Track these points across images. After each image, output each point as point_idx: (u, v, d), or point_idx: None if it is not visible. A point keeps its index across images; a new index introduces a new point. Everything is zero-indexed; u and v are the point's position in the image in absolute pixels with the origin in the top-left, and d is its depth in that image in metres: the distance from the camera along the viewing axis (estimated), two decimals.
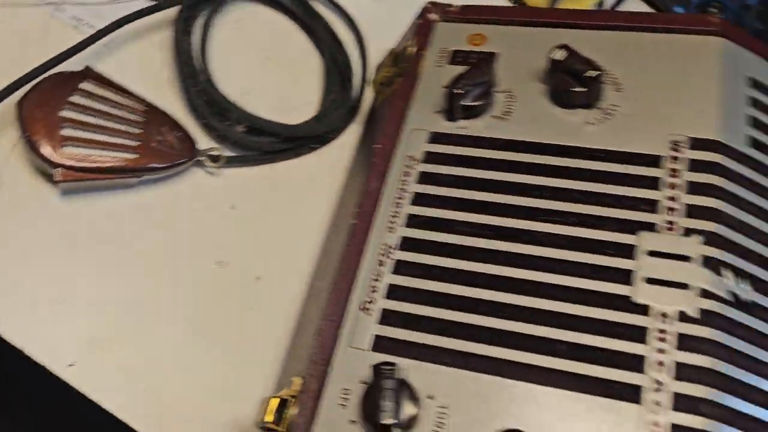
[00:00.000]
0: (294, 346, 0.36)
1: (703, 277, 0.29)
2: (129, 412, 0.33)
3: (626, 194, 0.32)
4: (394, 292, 0.31)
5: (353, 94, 0.43)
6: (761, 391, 0.28)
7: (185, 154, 0.37)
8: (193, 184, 0.38)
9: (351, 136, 0.42)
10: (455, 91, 0.34)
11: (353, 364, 0.30)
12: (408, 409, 0.27)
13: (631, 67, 0.35)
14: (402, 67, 0.37)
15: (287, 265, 0.38)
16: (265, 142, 0.39)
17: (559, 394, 0.28)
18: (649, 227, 0.31)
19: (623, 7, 0.52)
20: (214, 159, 0.38)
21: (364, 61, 0.44)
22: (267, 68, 0.43)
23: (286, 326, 0.36)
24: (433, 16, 0.40)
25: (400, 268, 0.32)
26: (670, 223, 0.31)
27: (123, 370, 0.34)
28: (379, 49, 0.45)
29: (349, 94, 0.43)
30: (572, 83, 0.34)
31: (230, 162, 0.38)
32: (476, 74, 0.35)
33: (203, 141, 0.39)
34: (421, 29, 0.39)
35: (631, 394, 0.27)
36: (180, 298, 0.36)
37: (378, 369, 0.28)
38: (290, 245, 0.39)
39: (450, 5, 0.40)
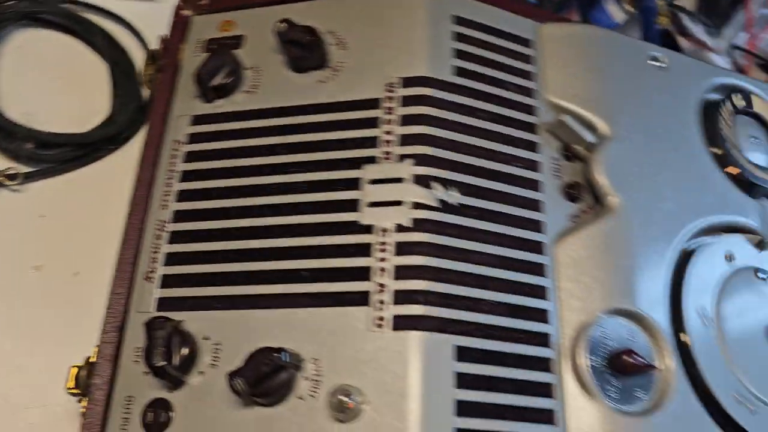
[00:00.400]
0: None
1: (414, 193, 0.35)
2: None
3: (351, 136, 0.37)
4: (171, 258, 0.36)
5: (142, 95, 0.47)
6: (471, 274, 0.34)
7: None
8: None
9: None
10: (200, 76, 0.39)
11: (142, 326, 0.35)
12: (180, 351, 0.33)
13: (352, 26, 0.41)
14: (159, 64, 0.42)
15: (100, 257, 0.42)
16: (60, 153, 0.43)
17: (306, 312, 0.33)
18: (371, 160, 0.36)
19: None
20: (12, 177, 0.42)
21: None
22: (56, 85, 0.47)
23: None
24: (186, 12, 0.44)
25: (175, 237, 0.37)
26: (387, 153, 0.36)
27: None
28: None
29: (138, 94, 0.47)
30: (298, 51, 0.39)
31: (29, 177, 0.42)
32: (218, 57, 0.39)
33: (2, 163, 0.43)
34: (176, 25, 0.43)
35: (360, 299, 0.33)
36: (3, 306, 0.40)
37: (149, 324, 0.33)
38: (103, 239, 0.43)
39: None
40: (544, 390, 0.33)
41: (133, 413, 0.33)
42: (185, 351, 0.33)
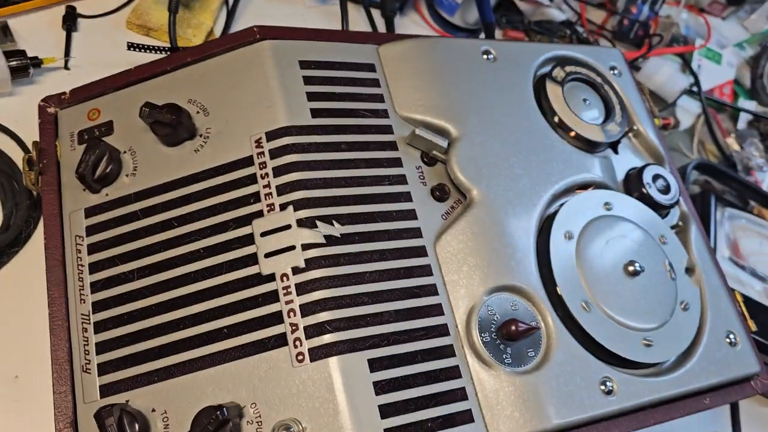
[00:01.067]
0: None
1: (301, 236, 0.39)
2: None
3: (236, 196, 0.41)
4: (101, 347, 0.40)
5: (31, 192, 0.49)
6: (367, 293, 0.39)
7: None
8: None
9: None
10: (80, 172, 0.41)
11: (92, 413, 0.38)
12: (136, 428, 0.36)
13: (209, 92, 0.44)
14: (40, 167, 0.44)
15: (35, 355, 0.45)
16: None
17: (234, 365, 0.38)
18: (259, 214, 0.40)
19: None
20: None
21: (25, 151, 0.50)
22: None
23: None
24: (51, 110, 0.46)
25: (99, 327, 0.40)
26: (270, 205, 0.40)
27: None
28: None
29: (24, 194, 0.49)
30: (166, 129, 0.42)
31: None
32: (93, 150, 0.42)
33: None
34: (44, 126, 0.45)
35: (279, 342, 0.37)
36: None
37: (97, 415, 0.36)
38: (31, 338, 0.46)
39: (64, 93, 0.46)
40: (452, 373, 0.39)
41: None
42: (137, 427, 0.36)
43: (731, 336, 0.47)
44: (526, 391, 0.39)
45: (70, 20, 0.57)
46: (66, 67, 0.56)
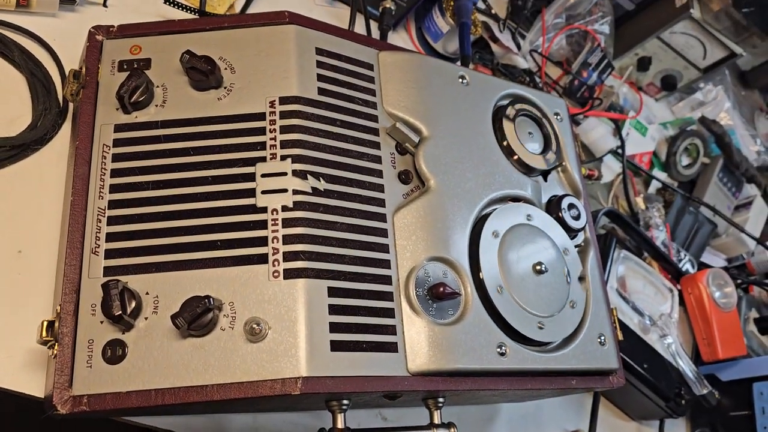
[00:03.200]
0: (55, 293, 0.51)
1: (293, 183, 0.49)
2: None
3: (246, 141, 0.51)
4: (111, 237, 0.48)
5: (60, 101, 0.57)
6: (336, 238, 0.49)
7: None
8: None
9: (65, 133, 0.57)
10: (121, 93, 0.50)
11: (94, 288, 0.46)
12: (131, 303, 0.45)
13: (239, 54, 0.54)
14: (82, 81, 0.52)
15: (39, 237, 0.53)
16: None
17: (222, 271, 0.47)
18: (262, 159, 0.50)
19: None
20: None
21: (62, 74, 0.58)
22: None
23: (50, 280, 0.51)
24: (99, 38, 0.54)
25: (112, 221, 0.48)
26: (273, 154, 0.50)
27: None
28: (73, 59, 0.58)
29: (55, 102, 0.57)
30: (199, 76, 0.51)
31: None
32: (133, 78, 0.51)
33: None
34: (91, 49, 0.53)
35: (260, 259, 0.47)
36: None
37: (105, 285, 0.45)
38: (38, 223, 0.53)
39: (112, 26, 0.55)
40: (388, 313, 0.50)
41: (94, 352, 0.45)
42: (134, 303, 0.45)
43: (602, 337, 0.60)
44: (441, 338, 0.50)
45: None
46: (104, 5, 0.64)
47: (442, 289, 0.51)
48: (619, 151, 0.99)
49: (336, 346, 0.46)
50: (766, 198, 1.11)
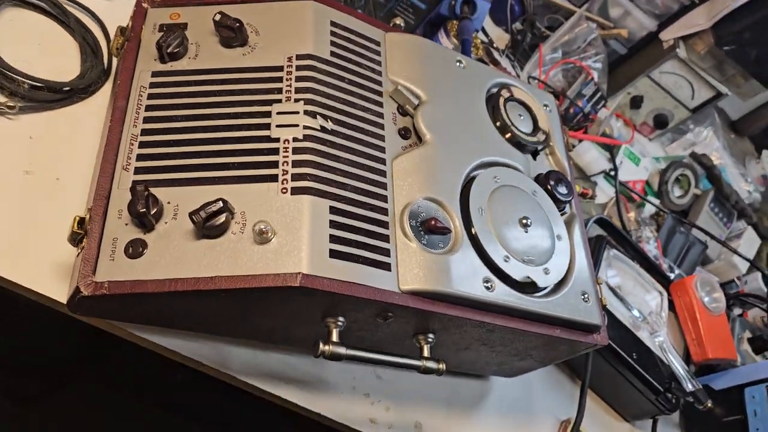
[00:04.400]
0: (88, 200, 0.56)
1: (304, 120, 0.56)
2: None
3: (266, 87, 0.58)
4: (140, 157, 0.54)
5: (104, 63, 0.65)
6: (340, 169, 0.55)
7: None
8: None
9: (106, 92, 0.64)
10: (159, 43, 0.58)
11: (122, 196, 0.52)
12: (154, 207, 0.51)
13: (264, 21, 0.62)
14: (127, 36, 0.60)
15: (75, 170, 0.59)
16: (45, 95, 0.60)
17: (236, 186, 0.53)
18: (278, 101, 0.57)
19: None
20: (11, 107, 0.58)
21: (107, 37, 0.67)
22: (39, 51, 0.63)
23: (82, 206, 0.57)
24: (145, 5, 0.63)
25: (142, 145, 0.55)
26: (288, 96, 0.57)
27: None
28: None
29: (101, 62, 0.65)
30: (229, 33, 0.59)
31: (23, 110, 0.59)
32: (171, 33, 0.59)
33: (1, 98, 0.59)
34: (137, 13, 0.62)
35: (271, 178, 0.53)
36: (2, 198, 0.55)
37: (133, 187, 0.51)
38: (75, 158, 0.60)
39: None
40: (384, 237, 0.55)
41: (117, 248, 0.50)
42: (156, 207, 0.51)
43: (585, 294, 0.63)
44: (431, 263, 0.55)
45: None
46: None
47: (434, 222, 0.56)
48: (612, 173, 1.05)
49: (335, 254, 0.51)
50: (757, 231, 1.16)
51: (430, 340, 0.58)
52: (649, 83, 1.14)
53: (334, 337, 0.53)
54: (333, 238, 0.52)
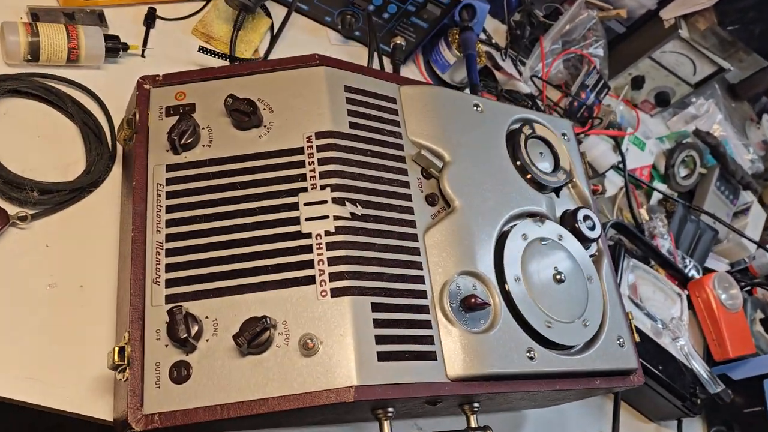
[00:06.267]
0: (117, 321, 0.55)
1: (333, 209, 0.54)
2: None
3: (288, 174, 0.55)
4: (170, 267, 0.52)
5: (110, 146, 0.62)
6: (375, 258, 0.54)
7: (2, 222, 0.54)
8: (13, 240, 0.55)
9: (115, 175, 0.62)
10: (172, 136, 0.55)
11: (158, 315, 0.51)
12: (194, 327, 0.49)
13: (276, 95, 0.59)
14: (134, 127, 0.57)
15: (98, 272, 0.57)
16: (56, 197, 0.57)
17: (274, 293, 0.51)
18: (303, 190, 0.55)
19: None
20: (23, 219, 0.55)
21: (110, 122, 0.63)
22: (40, 145, 0.60)
23: (110, 310, 0.56)
24: (147, 86, 0.59)
25: (170, 253, 0.53)
26: (313, 185, 0.55)
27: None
28: (119, 107, 0.64)
29: (106, 147, 0.62)
30: (242, 116, 0.56)
31: (35, 217, 0.56)
32: (182, 122, 0.56)
33: (11, 209, 0.56)
34: (140, 98, 0.59)
35: (309, 280, 0.52)
36: (31, 317, 0.54)
37: (170, 311, 0.49)
38: (96, 258, 0.58)
39: (158, 76, 0.60)
40: (426, 324, 0.54)
41: (162, 373, 0.49)
42: (196, 327, 0.49)
43: (621, 339, 0.64)
44: (475, 346, 0.54)
45: (150, 19, 0.70)
46: (143, 56, 0.69)
47: (473, 300, 0.55)
48: (620, 166, 1.04)
49: (382, 356, 0.51)
50: (762, 203, 1.16)
51: (475, 409, 0.59)
52: (651, 63, 1.11)
53: (387, 431, 0.53)
54: (379, 339, 0.51)
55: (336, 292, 0.51)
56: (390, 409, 0.54)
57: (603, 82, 1.06)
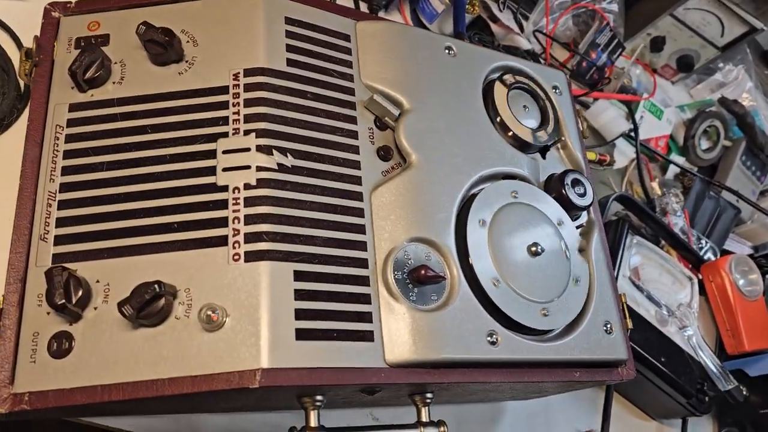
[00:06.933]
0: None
1: (257, 159, 0.45)
2: None
3: (208, 117, 0.47)
4: (61, 221, 0.44)
5: (20, 84, 0.54)
6: (306, 218, 0.45)
7: None
8: None
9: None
10: (72, 69, 0.47)
11: (42, 277, 0.43)
12: (77, 292, 0.41)
13: (201, 26, 0.50)
14: (35, 59, 0.49)
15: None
16: None
17: (178, 254, 0.43)
18: (224, 135, 0.46)
19: None
20: None
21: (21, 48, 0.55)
22: None
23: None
24: (55, 14, 0.51)
25: (63, 204, 0.45)
26: (236, 129, 0.46)
27: None
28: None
29: (14, 84, 0.54)
30: (158, 49, 0.48)
31: None
32: (89, 53, 0.47)
33: None
34: (46, 27, 0.50)
35: (220, 241, 0.43)
36: None
37: (47, 272, 0.41)
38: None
39: (69, 2, 0.52)
40: (364, 299, 0.45)
41: (39, 345, 0.41)
42: (80, 291, 0.41)
43: (608, 325, 0.54)
44: (423, 326, 0.45)
45: None
46: None
47: (423, 271, 0.46)
48: (632, 134, 0.93)
49: (302, 334, 0.42)
50: None
51: (428, 400, 0.50)
52: (672, 22, 1.00)
53: (313, 422, 0.45)
54: (300, 314, 0.42)
55: (251, 256, 0.43)
56: (318, 398, 0.45)
57: (617, 41, 0.95)
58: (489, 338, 0.48)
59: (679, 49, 1.04)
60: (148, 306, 0.40)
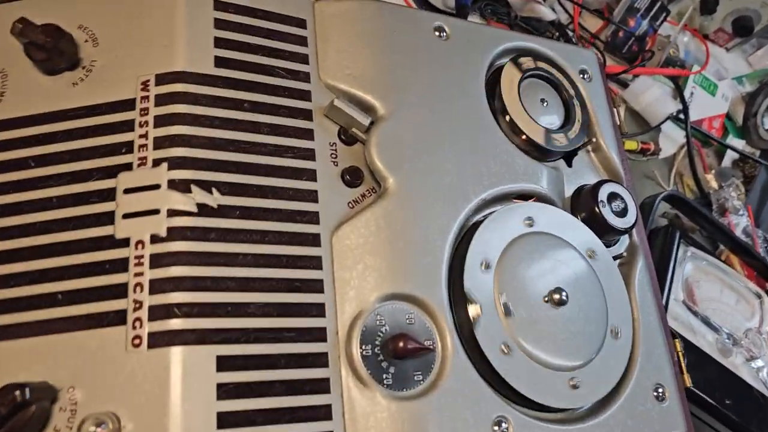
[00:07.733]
0: None
1: (169, 199, 0.33)
2: None
3: (105, 143, 0.35)
4: None
5: None
6: (234, 278, 0.33)
7: None
8: None
9: None
10: None
11: None
12: None
13: (105, 20, 0.38)
14: None
15: None
16: None
17: (61, 338, 0.32)
18: (128, 167, 0.34)
19: None
20: None
21: None
22: None
23: None
24: None
25: None
26: (142, 159, 0.34)
27: None
28: None
29: None
30: (41, 53, 0.36)
31: None
32: None
33: None
34: None
35: (117, 319, 0.31)
36: None
37: None
38: None
39: None
40: (319, 386, 0.33)
41: None
42: None
43: (660, 389, 0.41)
44: (402, 420, 0.33)
45: None
46: None
47: (402, 343, 0.34)
48: (681, 116, 0.78)
49: None
50: None
51: None
52: None
53: None
54: (225, 418, 0.31)
55: (157, 340, 0.31)
56: None
57: (660, 5, 0.79)
58: (496, 428, 0.35)
59: (735, 9, 0.88)
60: (10, 418, 0.29)
